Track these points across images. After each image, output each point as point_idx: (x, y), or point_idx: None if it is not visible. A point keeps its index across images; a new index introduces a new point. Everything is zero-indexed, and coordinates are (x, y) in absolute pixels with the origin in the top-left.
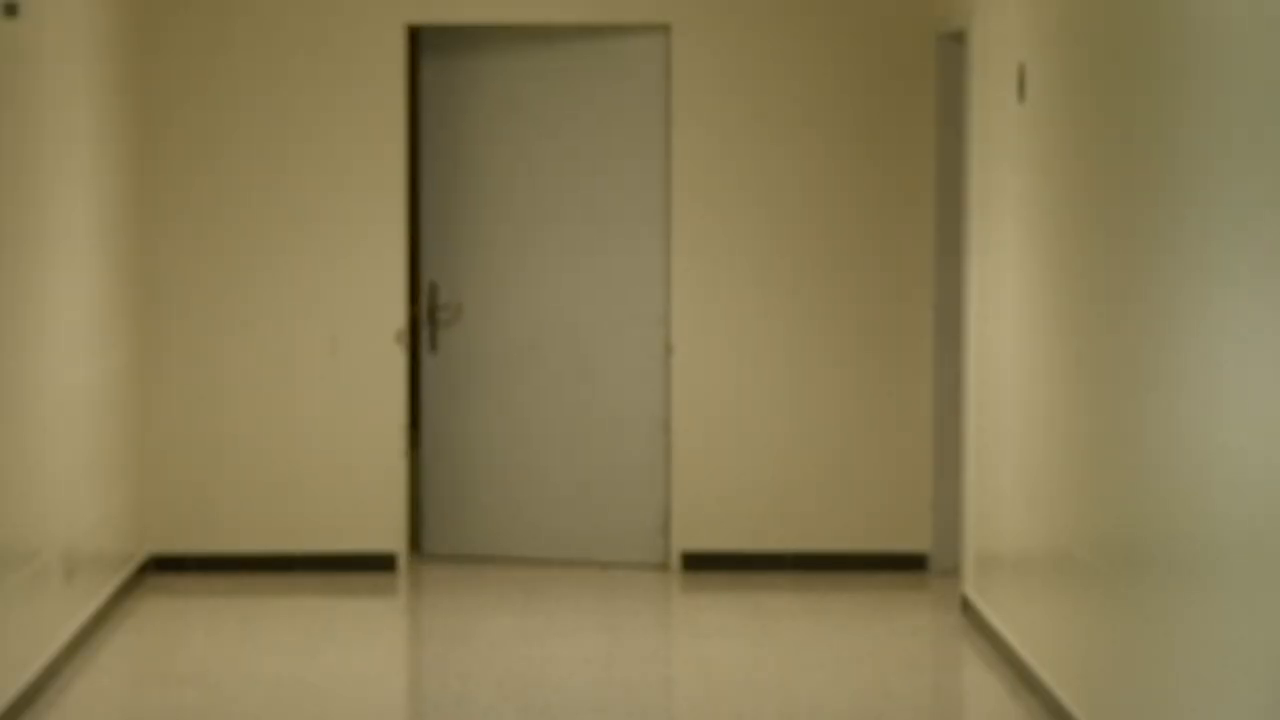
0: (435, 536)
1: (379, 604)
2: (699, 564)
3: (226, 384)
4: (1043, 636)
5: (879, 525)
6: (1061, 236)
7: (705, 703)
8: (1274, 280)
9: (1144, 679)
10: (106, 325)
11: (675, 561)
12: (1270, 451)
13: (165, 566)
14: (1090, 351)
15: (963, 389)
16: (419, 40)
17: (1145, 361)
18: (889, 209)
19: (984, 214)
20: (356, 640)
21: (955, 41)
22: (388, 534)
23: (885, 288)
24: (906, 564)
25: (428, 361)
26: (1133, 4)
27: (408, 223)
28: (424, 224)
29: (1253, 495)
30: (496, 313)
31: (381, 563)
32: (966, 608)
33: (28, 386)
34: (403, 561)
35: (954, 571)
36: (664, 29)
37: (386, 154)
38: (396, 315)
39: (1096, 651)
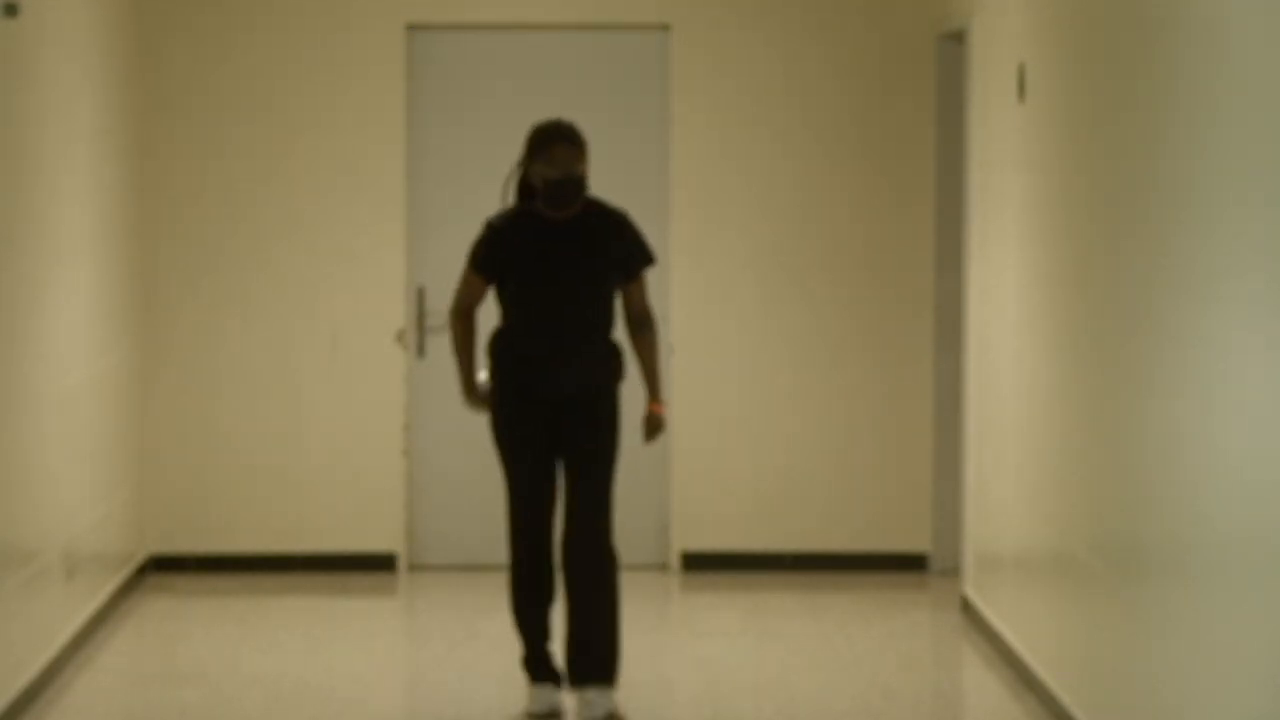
0: (426, 547)
1: (379, 604)
2: (699, 564)
3: (226, 384)
4: (1043, 636)
5: (879, 525)
6: (1061, 237)
7: (705, 703)
8: (1273, 280)
9: (1144, 679)
10: (106, 325)
11: (675, 561)
12: (1269, 452)
13: (165, 566)
14: (1089, 351)
15: (963, 389)
16: (416, 39)
17: (1144, 361)
18: (889, 209)
19: (984, 214)
20: (356, 640)
21: (955, 41)
22: (388, 534)
23: (885, 287)
24: (906, 564)
25: (415, 368)
26: (1132, 4)
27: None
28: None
29: (1251, 496)
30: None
31: (381, 563)
32: (966, 608)
33: (28, 386)
34: (403, 561)
35: (954, 571)
36: (663, 29)
37: (386, 153)
38: (396, 315)
39: (1097, 651)
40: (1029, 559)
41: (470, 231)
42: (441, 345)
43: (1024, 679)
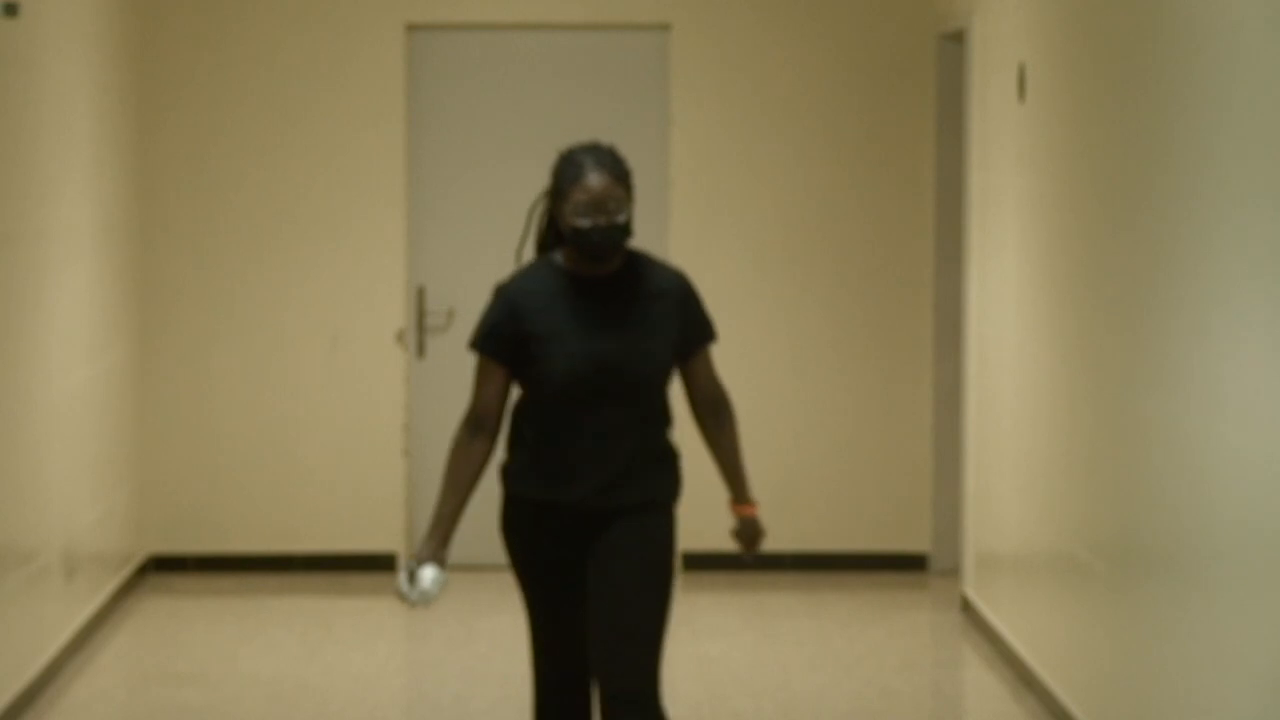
0: None
1: (379, 604)
2: (699, 564)
3: (226, 384)
4: (1043, 636)
5: (879, 525)
6: (1061, 236)
7: (705, 703)
8: (1274, 280)
9: (1144, 679)
10: (106, 325)
11: (675, 561)
12: (1270, 451)
13: (165, 566)
14: (1090, 351)
15: (963, 389)
16: (416, 39)
17: (1145, 360)
18: (889, 209)
19: (984, 214)
20: (356, 640)
21: (955, 41)
22: (388, 534)
23: (886, 287)
24: (906, 564)
25: (415, 368)
26: (1133, 3)
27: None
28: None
29: (1252, 495)
30: None
31: (381, 563)
32: (966, 608)
33: (28, 386)
34: (402, 561)
35: (954, 571)
36: (664, 29)
37: (386, 153)
38: (396, 315)
39: (1097, 651)
40: (1029, 559)
41: (470, 231)
42: (441, 345)
43: (1024, 679)
